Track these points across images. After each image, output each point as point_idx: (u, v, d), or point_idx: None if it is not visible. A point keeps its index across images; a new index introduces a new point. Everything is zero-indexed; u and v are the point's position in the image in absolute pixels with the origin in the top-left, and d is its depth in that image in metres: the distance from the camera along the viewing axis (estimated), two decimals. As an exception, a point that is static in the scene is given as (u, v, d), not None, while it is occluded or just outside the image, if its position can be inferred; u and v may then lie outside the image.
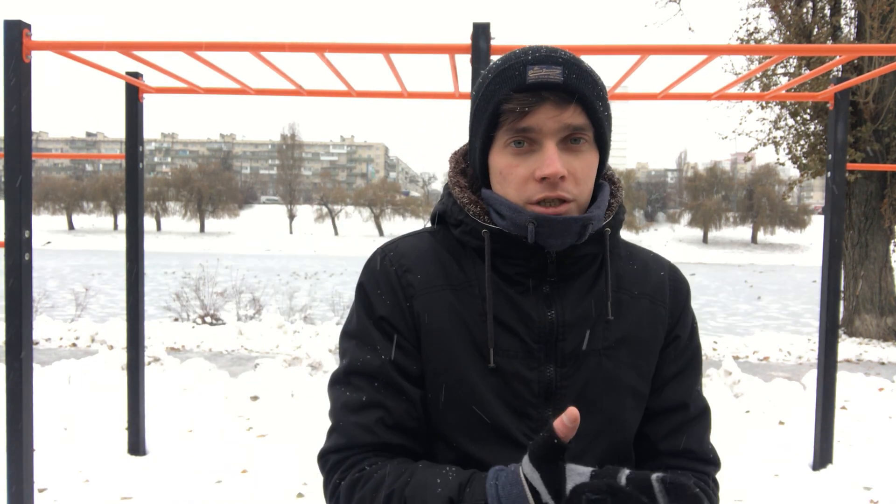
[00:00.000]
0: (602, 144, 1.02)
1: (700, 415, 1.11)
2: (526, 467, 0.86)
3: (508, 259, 1.02)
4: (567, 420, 0.82)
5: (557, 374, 1.01)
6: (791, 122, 10.90)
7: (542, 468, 0.83)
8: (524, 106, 0.95)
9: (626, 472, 0.83)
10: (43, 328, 8.86)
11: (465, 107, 1.78)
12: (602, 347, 1.03)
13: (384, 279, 1.04)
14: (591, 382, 1.02)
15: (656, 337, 1.08)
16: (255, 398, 5.74)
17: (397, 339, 1.02)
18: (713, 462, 1.11)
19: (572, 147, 0.98)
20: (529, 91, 0.95)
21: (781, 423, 5.39)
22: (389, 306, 1.02)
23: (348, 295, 12.11)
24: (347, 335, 1.06)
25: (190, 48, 3.25)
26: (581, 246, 1.02)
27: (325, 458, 1.02)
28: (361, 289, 1.06)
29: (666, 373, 1.10)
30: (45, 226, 62.51)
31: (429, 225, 1.15)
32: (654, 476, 0.81)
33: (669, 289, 1.11)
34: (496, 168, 1.01)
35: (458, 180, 1.08)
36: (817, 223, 53.26)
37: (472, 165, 1.09)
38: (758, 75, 10.24)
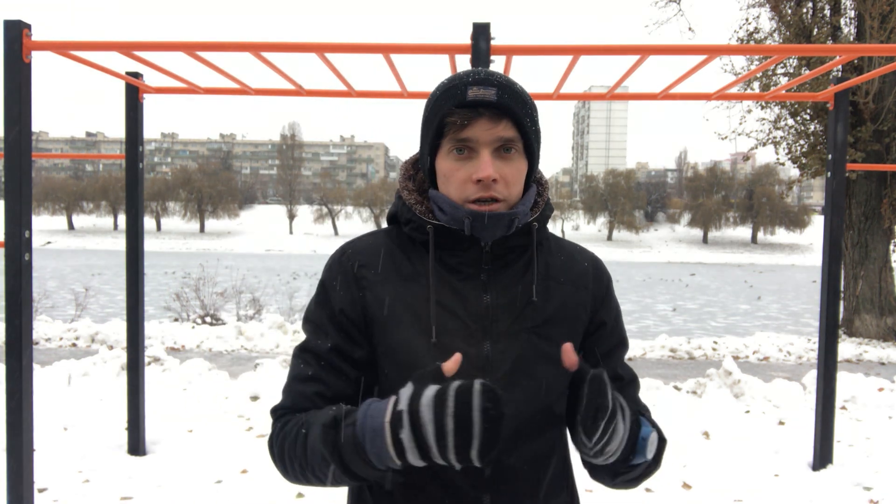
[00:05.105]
0: (530, 154, 1.19)
1: (632, 380, 1.31)
2: (404, 387, 0.99)
3: (450, 251, 1.19)
4: (451, 363, 1.01)
5: (493, 350, 1.17)
6: (791, 122, 10.90)
7: (416, 383, 0.99)
8: (464, 119, 1.12)
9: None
10: (43, 328, 8.86)
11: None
12: (531, 326, 1.19)
13: (341, 274, 1.21)
14: (522, 356, 1.18)
15: (579, 317, 1.25)
16: (255, 398, 5.74)
17: (346, 327, 1.19)
18: (646, 412, 1.29)
19: (504, 155, 1.15)
20: (468, 107, 1.12)
21: (781, 423, 5.40)
22: (343, 298, 1.19)
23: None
24: (307, 319, 1.24)
25: (190, 48, 3.25)
26: (511, 238, 1.19)
27: (275, 411, 1.21)
28: (322, 282, 1.23)
29: (598, 353, 1.27)
30: (45, 226, 62.52)
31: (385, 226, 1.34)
32: (478, 381, 0.95)
33: (592, 276, 1.29)
34: (441, 171, 1.18)
35: (406, 184, 1.26)
36: (817, 223, 53.25)
37: (422, 169, 1.26)
38: (758, 75, 10.25)
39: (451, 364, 1.02)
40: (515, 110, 1.14)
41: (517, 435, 1.16)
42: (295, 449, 1.10)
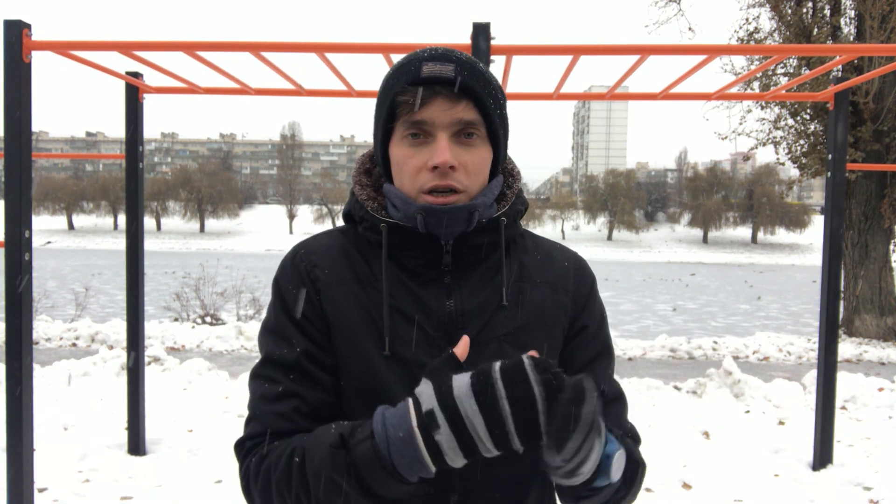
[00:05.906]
0: (495, 140, 1.06)
1: (617, 398, 1.14)
2: (419, 386, 0.89)
3: (408, 252, 1.06)
4: (462, 346, 0.93)
5: None
6: (791, 121, 10.90)
7: (434, 378, 0.88)
8: (418, 99, 1.00)
9: (499, 362, 0.87)
10: (43, 328, 8.86)
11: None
12: (502, 334, 1.05)
13: (295, 275, 1.08)
14: None
15: (558, 322, 1.11)
16: (255, 398, 5.74)
17: (310, 331, 1.05)
18: (634, 437, 1.13)
19: (465, 141, 1.02)
20: (423, 85, 1.00)
21: (781, 423, 5.40)
22: (302, 300, 1.07)
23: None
24: (265, 330, 1.10)
25: (190, 48, 3.25)
26: (475, 235, 1.05)
27: (241, 445, 1.05)
28: (276, 286, 1.10)
29: (578, 361, 1.12)
30: (45, 226, 62.53)
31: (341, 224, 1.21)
32: (525, 356, 0.86)
33: (573, 277, 1.15)
34: (395, 159, 1.05)
35: (360, 178, 1.13)
36: (817, 223, 53.27)
37: (376, 160, 1.13)
38: (758, 75, 10.25)
39: (462, 348, 0.92)
40: (477, 90, 1.01)
41: (493, 458, 1.01)
42: (290, 483, 0.94)
